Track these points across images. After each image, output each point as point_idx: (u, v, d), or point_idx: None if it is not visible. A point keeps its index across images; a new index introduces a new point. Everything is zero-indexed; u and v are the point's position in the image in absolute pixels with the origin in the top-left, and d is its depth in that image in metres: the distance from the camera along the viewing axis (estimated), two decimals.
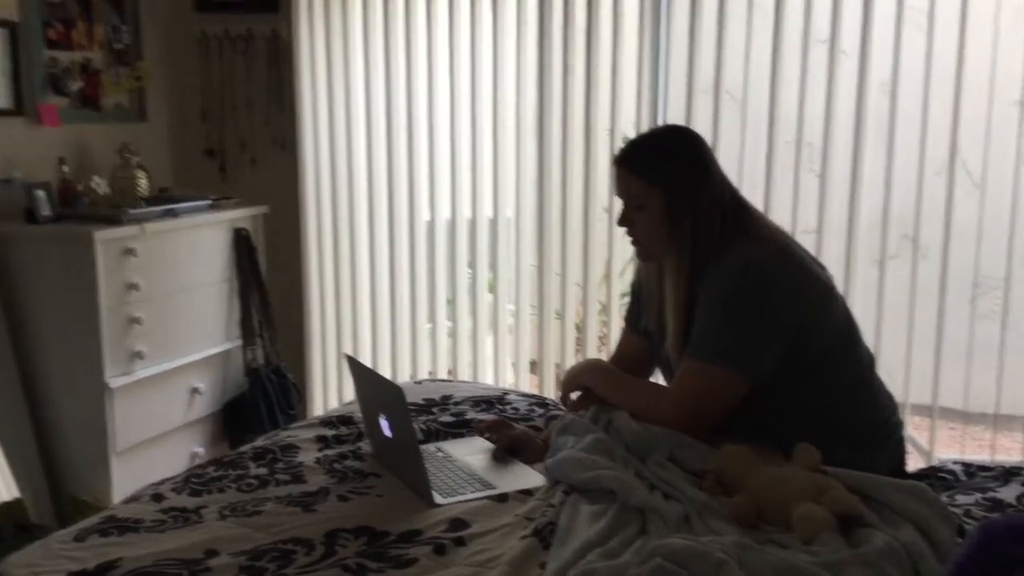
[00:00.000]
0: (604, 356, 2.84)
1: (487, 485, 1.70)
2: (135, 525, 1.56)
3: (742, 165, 3.23)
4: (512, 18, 3.41)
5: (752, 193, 3.26)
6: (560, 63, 3.35)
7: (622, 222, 1.87)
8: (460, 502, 1.62)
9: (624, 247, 3.53)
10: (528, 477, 1.75)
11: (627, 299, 2.20)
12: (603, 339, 3.66)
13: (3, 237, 2.97)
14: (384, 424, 1.75)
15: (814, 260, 1.89)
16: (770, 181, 3.22)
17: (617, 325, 3.48)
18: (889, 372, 3.12)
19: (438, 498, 1.64)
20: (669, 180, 1.80)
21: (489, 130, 3.50)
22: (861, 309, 3.21)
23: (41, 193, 3.00)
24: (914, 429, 3.36)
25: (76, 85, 3.35)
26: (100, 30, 3.43)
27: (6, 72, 3.10)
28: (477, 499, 1.63)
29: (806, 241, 3.39)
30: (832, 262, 2.29)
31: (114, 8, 3.48)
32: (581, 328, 3.63)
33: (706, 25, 3.19)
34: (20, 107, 3.15)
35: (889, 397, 1.93)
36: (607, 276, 3.50)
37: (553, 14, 3.33)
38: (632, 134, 3.37)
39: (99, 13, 3.42)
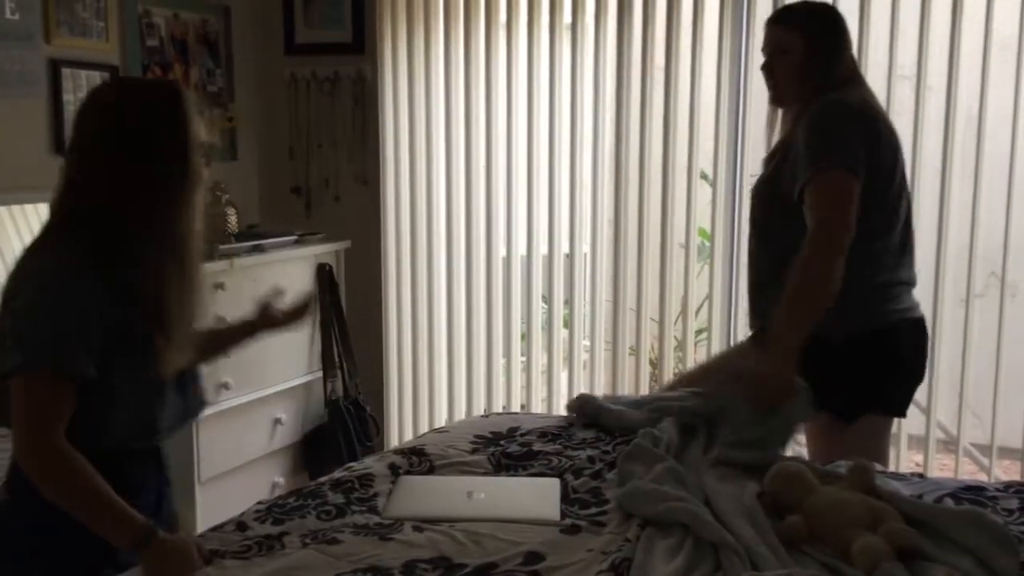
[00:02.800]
0: None
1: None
2: (221, 552, 1.61)
3: None
4: (590, 56, 3.46)
5: None
6: (638, 100, 3.38)
7: (765, 67, 2.24)
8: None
9: (701, 283, 3.53)
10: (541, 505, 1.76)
11: (704, 335, 2.31)
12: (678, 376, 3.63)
13: None
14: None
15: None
16: None
17: (692, 362, 3.46)
18: (976, 412, 3.02)
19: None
20: (812, 32, 2.18)
21: (567, 166, 3.55)
22: (948, 348, 3.13)
23: None
24: (1003, 472, 3.25)
25: None
26: (195, 73, 3.60)
27: None
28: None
29: None
30: (918, 299, 2.25)
31: (209, 52, 3.66)
32: (656, 364, 3.61)
33: None
34: None
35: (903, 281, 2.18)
36: (683, 312, 3.49)
37: (632, 52, 3.37)
38: (710, 171, 3.39)
39: (195, 57, 3.60)
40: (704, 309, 3.52)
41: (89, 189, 1.58)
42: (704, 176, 3.50)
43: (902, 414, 2.27)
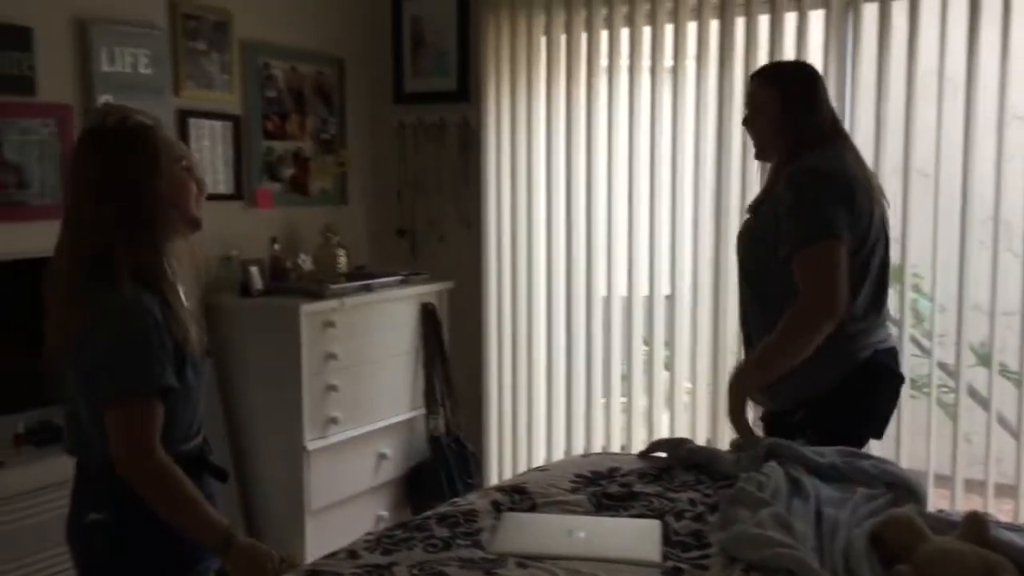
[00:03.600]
0: None
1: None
2: None
3: (936, 243, 3.14)
4: (691, 99, 3.48)
5: (946, 271, 3.16)
6: (739, 142, 3.38)
7: (745, 122, 2.39)
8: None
9: None
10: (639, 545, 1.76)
11: None
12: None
13: (221, 309, 3.29)
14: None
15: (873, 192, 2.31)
16: (964, 260, 3.10)
17: None
18: None
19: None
20: (786, 87, 2.31)
21: (667, 207, 3.56)
22: None
23: (254, 269, 3.32)
24: None
25: (288, 172, 3.70)
26: (311, 122, 3.79)
27: (229, 161, 3.48)
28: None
29: (1008, 323, 3.24)
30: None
31: (323, 102, 3.84)
32: None
33: (893, 105, 3.15)
34: (239, 192, 3.52)
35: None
36: None
37: (734, 94, 3.38)
38: None
39: (311, 107, 3.79)
40: None
41: (101, 231, 1.72)
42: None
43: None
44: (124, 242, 1.72)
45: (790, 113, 2.29)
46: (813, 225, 2.19)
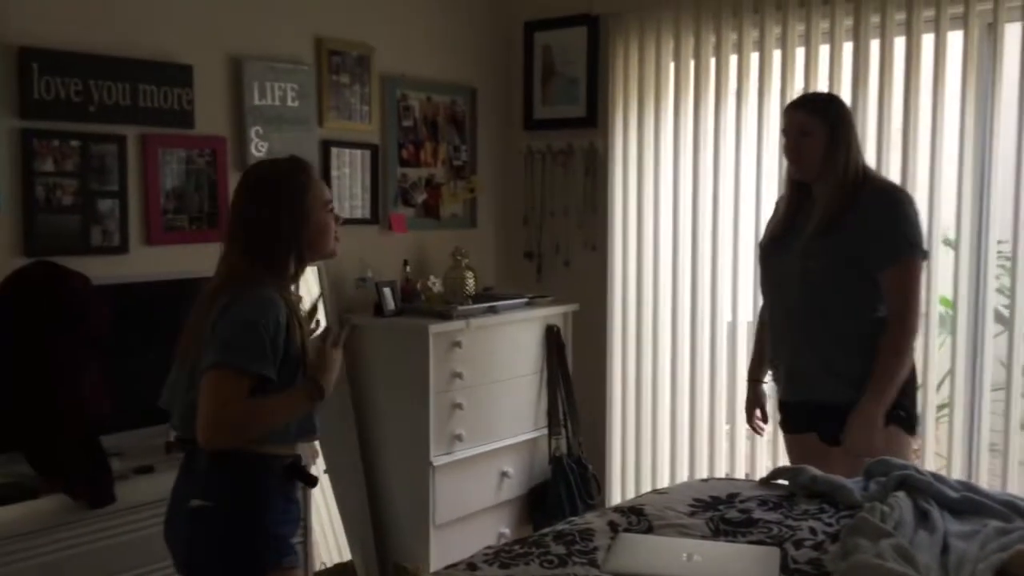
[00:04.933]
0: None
1: None
2: None
3: None
4: None
5: None
6: (871, 163, 3.30)
7: (788, 148, 2.62)
8: None
9: (942, 362, 3.34)
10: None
11: (945, 411, 2.49)
12: (916, 452, 3.43)
13: (357, 328, 3.46)
14: None
15: None
16: None
17: (932, 438, 3.27)
18: None
19: None
20: (833, 116, 2.56)
21: None
22: None
23: (387, 290, 3.47)
24: None
25: (421, 197, 3.86)
26: (443, 149, 3.94)
27: (366, 187, 3.66)
28: None
29: None
30: None
31: (456, 130, 3.99)
32: None
33: None
34: (375, 216, 3.69)
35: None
36: (923, 388, 3.31)
37: (867, 116, 3.30)
38: (952, 237, 3.25)
39: (444, 134, 3.94)
40: (945, 383, 3.33)
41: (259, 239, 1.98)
42: (947, 242, 3.34)
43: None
44: (274, 258, 1.95)
45: (838, 138, 2.54)
46: (912, 241, 2.51)
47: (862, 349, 2.50)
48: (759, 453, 3.64)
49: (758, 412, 2.90)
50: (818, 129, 2.54)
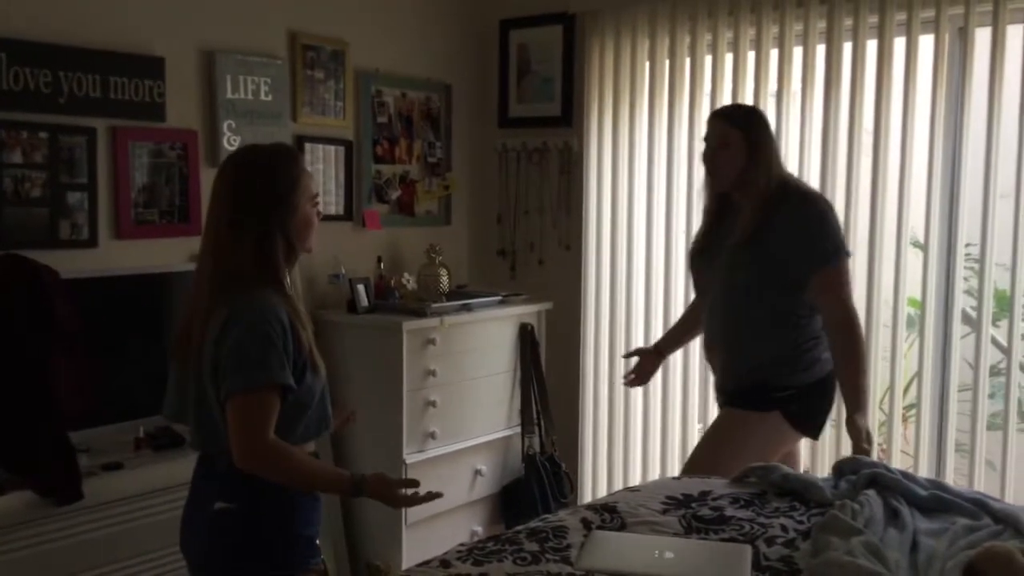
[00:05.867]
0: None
1: None
2: None
3: None
4: (796, 124, 3.45)
5: None
6: (844, 165, 3.34)
7: (706, 157, 2.69)
8: None
9: (910, 363, 3.38)
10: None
11: (913, 412, 2.46)
12: (883, 450, 3.48)
13: (330, 324, 3.43)
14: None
15: None
16: None
17: (899, 437, 3.30)
18: None
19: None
20: (753, 129, 2.64)
21: None
22: None
23: (361, 287, 3.45)
24: None
25: (395, 194, 3.84)
26: (418, 146, 3.93)
27: (340, 183, 3.63)
28: None
29: None
30: None
31: (431, 127, 3.98)
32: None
33: (1005, 129, 3.05)
34: (349, 213, 3.67)
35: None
36: (890, 388, 3.35)
37: (839, 119, 3.33)
38: (921, 239, 3.28)
39: (419, 131, 3.93)
40: (913, 383, 3.37)
41: (245, 236, 1.88)
42: (916, 243, 3.38)
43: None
44: (264, 249, 1.87)
45: (757, 152, 2.63)
46: (836, 244, 2.60)
47: (788, 358, 2.62)
48: None
49: (634, 374, 3.09)
50: (737, 141, 2.62)
